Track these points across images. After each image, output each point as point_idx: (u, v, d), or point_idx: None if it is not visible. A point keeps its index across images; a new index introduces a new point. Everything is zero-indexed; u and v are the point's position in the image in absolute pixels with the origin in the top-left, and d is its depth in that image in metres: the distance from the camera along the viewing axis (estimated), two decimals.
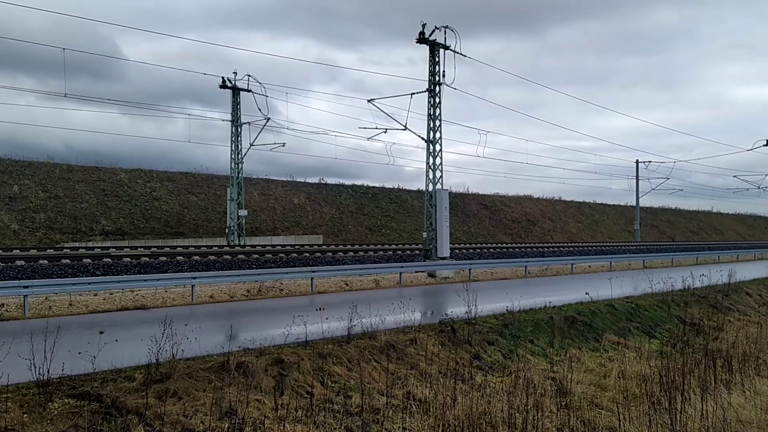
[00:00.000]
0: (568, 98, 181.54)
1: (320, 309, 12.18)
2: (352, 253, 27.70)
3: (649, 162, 59.30)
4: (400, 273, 21.54)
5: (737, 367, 12.01)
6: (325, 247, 32.77)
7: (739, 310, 20.74)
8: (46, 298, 14.37)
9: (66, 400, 7.31)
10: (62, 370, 7.50)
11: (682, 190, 65.56)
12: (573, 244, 46.61)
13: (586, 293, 16.93)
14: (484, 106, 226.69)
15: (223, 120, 36.61)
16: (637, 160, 60.99)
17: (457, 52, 24.79)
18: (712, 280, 22.44)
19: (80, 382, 7.66)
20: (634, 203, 63.45)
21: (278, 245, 36.74)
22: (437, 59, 25.00)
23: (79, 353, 8.37)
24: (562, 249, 38.66)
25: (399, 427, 8.08)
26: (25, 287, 13.32)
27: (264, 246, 34.43)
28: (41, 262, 19.38)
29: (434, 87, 25.12)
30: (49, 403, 7.18)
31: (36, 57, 77.55)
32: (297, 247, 32.05)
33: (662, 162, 64.62)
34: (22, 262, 18.89)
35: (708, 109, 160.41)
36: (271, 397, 8.28)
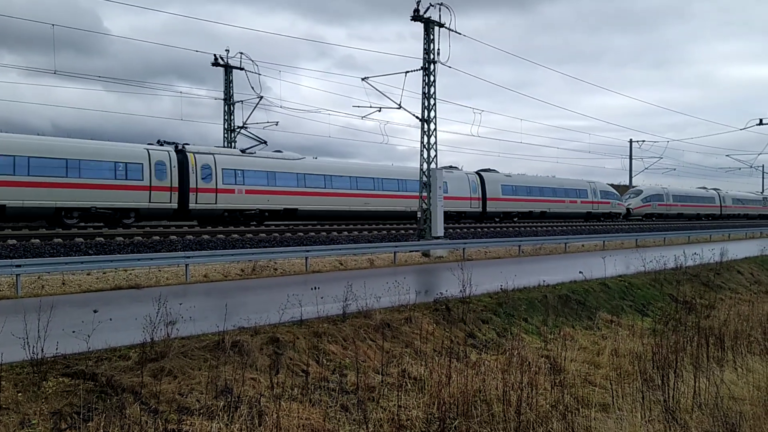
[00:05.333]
0: (561, 77, 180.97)
1: (315, 288, 12.18)
2: (346, 233, 27.67)
3: (643, 141, 59.62)
4: (395, 252, 21.55)
5: (729, 345, 12.12)
6: (319, 226, 32.70)
7: (730, 288, 20.91)
8: (38, 277, 14.29)
9: (60, 379, 7.30)
10: (56, 348, 7.48)
11: (675, 169, 66.07)
12: (566, 223, 46.73)
13: (580, 272, 17.00)
14: (477, 84, 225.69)
15: (215, 99, 36.18)
16: (631, 140, 61.16)
17: (452, 30, 24.55)
18: (704, 258, 22.60)
19: (74, 360, 7.65)
20: (628, 182, 63.64)
21: (272, 224, 36.61)
22: (432, 37, 24.71)
23: (73, 332, 8.33)
24: (555, 228, 38.77)
25: (394, 404, 8.12)
26: (18, 266, 13.23)
27: (258, 225, 34.31)
28: (33, 241, 19.24)
29: (429, 65, 24.89)
30: (44, 382, 7.17)
31: (18, 32, 76.32)
32: (291, 226, 31.94)
33: (655, 141, 64.82)
34: (14, 242, 18.76)
35: (700, 89, 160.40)
36: (266, 375, 8.30)
